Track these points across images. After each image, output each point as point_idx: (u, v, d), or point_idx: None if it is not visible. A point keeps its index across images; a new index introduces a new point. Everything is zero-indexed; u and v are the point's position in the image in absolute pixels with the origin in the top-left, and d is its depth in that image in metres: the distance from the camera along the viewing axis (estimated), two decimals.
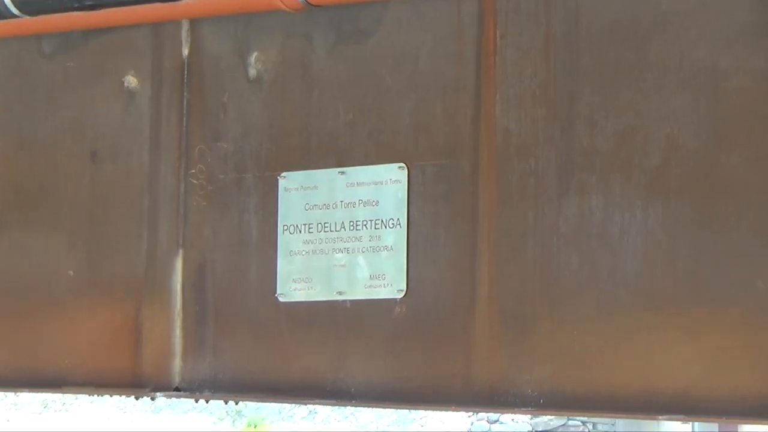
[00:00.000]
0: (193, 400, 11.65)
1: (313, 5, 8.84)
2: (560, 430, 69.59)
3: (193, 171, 9.63)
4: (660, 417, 9.95)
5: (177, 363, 9.68)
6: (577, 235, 8.47)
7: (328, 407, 67.25)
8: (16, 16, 9.53)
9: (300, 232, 9.14)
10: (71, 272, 10.29)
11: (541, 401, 9.25)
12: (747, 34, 7.91)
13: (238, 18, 9.32)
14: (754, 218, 7.94)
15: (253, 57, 9.36)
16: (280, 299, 9.20)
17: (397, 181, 8.80)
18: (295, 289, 9.16)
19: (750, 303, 8.01)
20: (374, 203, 8.87)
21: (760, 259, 7.91)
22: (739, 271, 8.02)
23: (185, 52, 9.57)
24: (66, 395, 68.25)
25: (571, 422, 68.10)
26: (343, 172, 9.01)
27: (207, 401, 11.47)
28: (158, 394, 10.45)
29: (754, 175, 7.92)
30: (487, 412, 50.93)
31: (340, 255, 8.99)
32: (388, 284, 8.85)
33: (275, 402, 55.36)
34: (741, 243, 8.03)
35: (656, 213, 8.22)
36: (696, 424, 70.06)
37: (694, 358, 8.29)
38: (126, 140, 9.99)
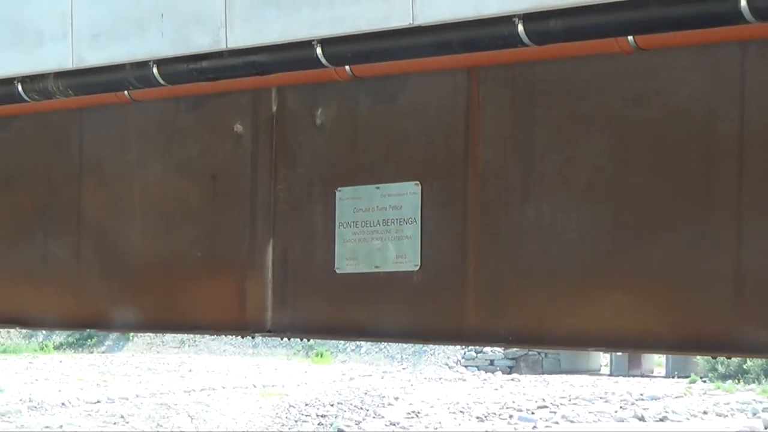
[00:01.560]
0: (279, 339, 11.80)
1: (357, 77, 8.93)
2: (523, 357, 69.15)
3: (279, 187, 9.75)
4: (589, 348, 10.10)
5: (269, 314, 9.80)
6: (534, 229, 8.57)
7: (368, 343, 66.89)
8: (162, 85, 9.60)
9: (350, 227, 9.24)
10: (199, 254, 10.49)
11: (510, 339, 9.38)
12: (642, 97, 8.00)
13: (309, 86, 9.37)
14: (651, 218, 8.04)
15: (318, 111, 9.42)
16: (337, 271, 9.33)
17: (414, 193, 8.91)
18: (346, 265, 9.29)
19: (649, 274, 8.10)
20: (399, 208, 8.98)
21: (654, 246, 8.00)
22: (641, 253, 8.12)
23: (274, 108, 9.64)
24: (196, 336, 68.40)
25: (530, 353, 67.60)
26: (378, 188, 9.12)
27: (288, 339, 11.72)
28: (257, 334, 10.69)
29: (650, 190, 8.03)
30: (474, 346, 50.30)
31: (376, 242, 9.11)
32: (408, 261, 8.98)
33: (333, 339, 55.06)
34: (642, 234, 8.13)
35: (586, 215, 8.33)
36: (613, 356, 70.16)
37: (612, 310, 8.38)
38: (235, 167, 10.09)
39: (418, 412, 55.73)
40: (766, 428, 46.36)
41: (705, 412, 53.33)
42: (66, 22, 9.88)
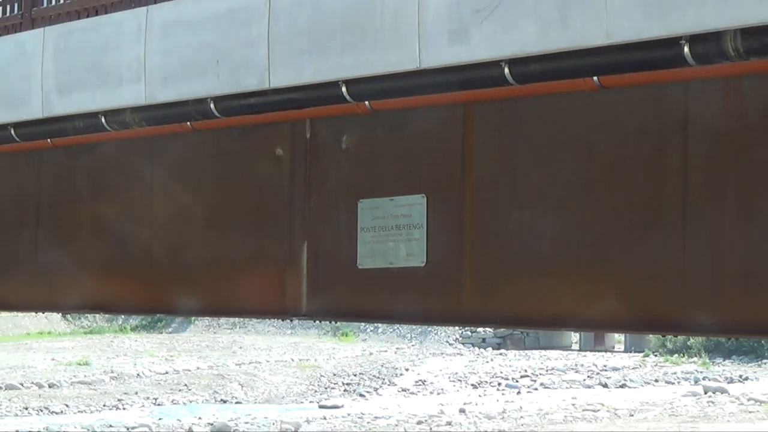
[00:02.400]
0: (312, 321, 11.81)
1: (375, 110, 8.94)
2: (509, 335, 68.81)
3: (312, 199, 9.76)
4: (562, 329, 10.08)
5: (304, 302, 9.80)
6: (518, 232, 8.58)
7: (384, 324, 66.73)
8: (218, 117, 9.62)
9: (369, 231, 9.23)
10: (248, 253, 10.42)
11: (498, 321, 9.40)
12: (603, 125, 8.00)
13: (336, 117, 9.40)
14: (612, 223, 8.05)
15: (343, 138, 9.43)
16: (359, 267, 9.31)
17: (420, 204, 8.90)
18: (366, 261, 9.27)
19: (611, 269, 8.11)
20: (408, 216, 8.97)
21: (615, 246, 8.00)
22: (604, 252, 8.13)
23: (307, 135, 9.65)
24: (245, 319, 68.39)
25: (515, 333, 67.25)
26: (392, 199, 9.10)
27: (320, 322, 11.74)
28: (294, 318, 10.70)
29: (611, 201, 8.04)
30: (469, 326, 50.03)
31: (390, 243, 9.10)
32: (416, 259, 8.96)
33: (356, 321, 54.26)
34: (604, 236, 8.14)
35: (559, 221, 8.33)
36: (582, 334, 70.07)
37: (581, 298, 8.39)
38: (276, 183, 10.07)
39: (424, 381, 55.65)
40: (706, 393, 46.22)
41: (656, 380, 53.17)
42: (140, 67, 9.91)
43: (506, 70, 7.69)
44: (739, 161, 7.40)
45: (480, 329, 65.91)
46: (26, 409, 46.01)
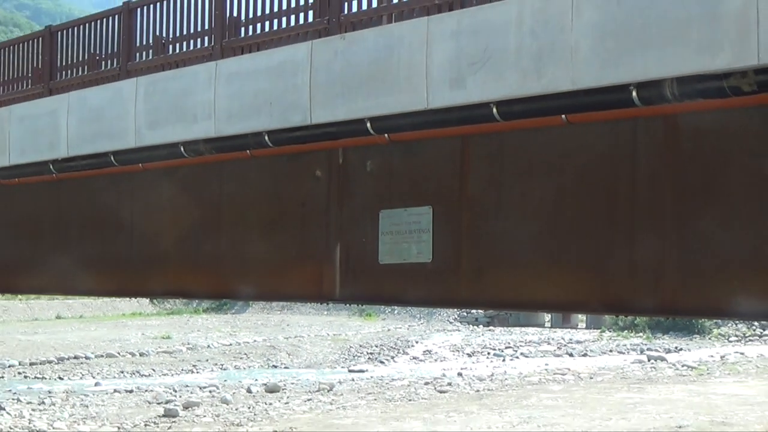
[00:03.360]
0: (343, 305, 11.72)
1: (393, 141, 8.94)
2: (496, 315, 68.48)
3: (344, 210, 9.76)
4: (537, 311, 9.98)
5: (337, 289, 9.79)
6: (503, 235, 8.54)
7: (399, 307, 66.42)
8: (270, 147, 9.63)
9: (388, 235, 9.16)
10: (294, 252, 10.42)
11: (487, 304, 9.36)
12: (570, 153, 8.02)
13: (362, 147, 9.37)
14: (576, 229, 8.02)
15: (368, 163, 9.41)
16: (380, 262, 9.25)
17: (427, 213, 8.85)
18: (386, 258, 9.20)
19: (576, 264, 8.07)
20: (419, 222, 8.91)
21: (579, 246, 7.98)
22: (571, 250, 8.11)
23: (340, 160, 9.64)
24: (291, 303, 68.49)
25: (501, 313, 66.91)
26: (405, 210, 9.06)
27: (349, 304, 11.59)
28: (329, 302, 10.73)
29: (575, 212, 8.02)
30: (465, 308, 49.70)
31: (404, 244, 9.03)
32: (424, 256, 8.89)
33: (377, 305, 53.58)
34: (570, 239, 8.10)
35: (536, 227, 8.28)
36: (553, 315, 69.81)
37: (553, 285, 8.38)
38: (316, 197, 10.05)
39: (430, 351, 55.58)
40: (649, 360, 45.92)
41: (611, 351, 53.00)
42: (211, 108, 9.95)
43: (494, 110, 7.72)
44: (675, 180, 7.40)
45: (473, 311, 65.59)
46: (122, 372, 46.23)
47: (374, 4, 9.40)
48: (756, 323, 58.59)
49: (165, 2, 12.11)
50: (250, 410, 31.92)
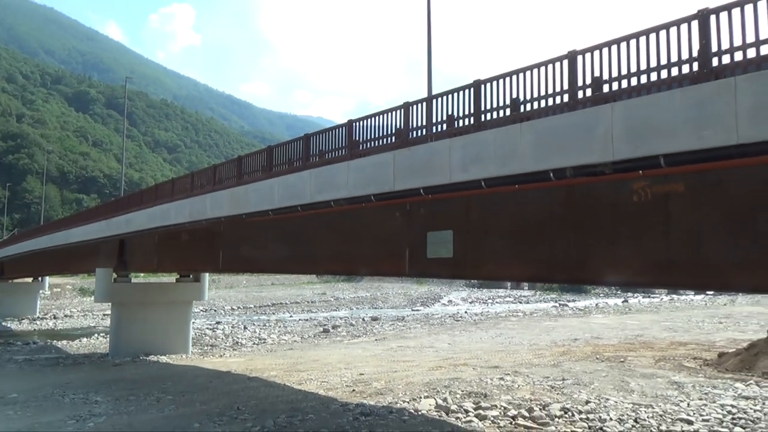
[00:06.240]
0: (410, 278, 10.94)
1: (432, 199, 8.74)
2: (483, 282, 67.24)
3: (412, 234, 9.50)
4: (506, 281, 9.42)
5: (407, 269, 9.46)
6: (489, 245, 8.28)
7: (436, 279, 65.43)
8: (373, 201, 9.54)
9: (431, 244, 8.95)
10: (386, 252, 10.05)
11: (480, 277, 9.01)
12: (525, 204, 7.91)
13: (418, 202, 9.07)
14: (527, 241, 7.77)
15: (422, 209, 9.18)
16: (427, 257, 9.01)
17: (450, 233, 8.67)
18: (430, 255, 8.97)
19: (529, 257, 7.75)
20: (446, 237, 8.72)
21: (531, 249, 7.75)
22: (525, 251, 7.87)
23: (408, 208, 9.44)
24: (384, 277, 68.17)
25: (487, 282, 65.66)
26: (439, 232, 8.83)
27: (413, 278, 10.58)
28: (402, 276, 9.89)
29: (532, 234, 7.80)
30: (468, 279, 49.01)
31: (439, 248, 8.82)
32: (448, 253, 8.69)
33: (426, 278, 51.10)
34: (524, 247, 7.88)
35: (508, 242, 8.06)
36: (511, 283, 68.57)
37: (516, 269, 8.04)
38: (397, 227, 9.64)
39: (451, 301, 55.12)
40: (559, 306, 44.92)
41: (540, 301, 52.55)
42: (347, 183, 9.91)
43: (483, 183, 7.64)
44: (573, 218, 7.18)
45: (473, 280, 64.63)
46: (302, 310, 46.90)
47: (424, 133, 9.32)
48: (614, 287, 57.00)
49: (326, 132, 11.92)
50: (363, 329, 31.88)
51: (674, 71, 6.03)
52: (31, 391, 14.74)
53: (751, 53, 5.45)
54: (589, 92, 6.81)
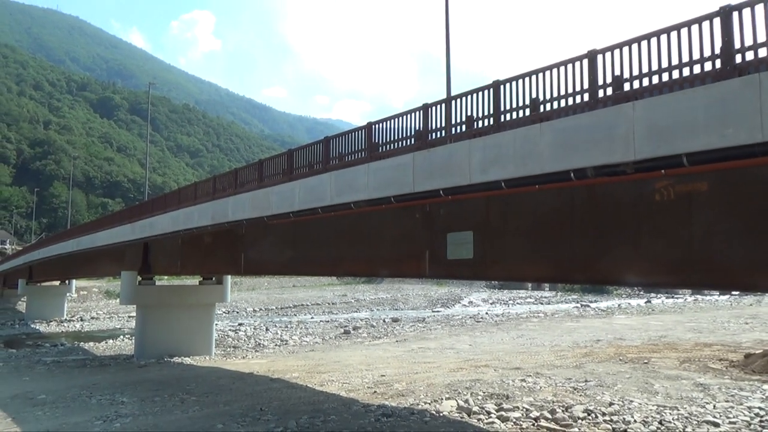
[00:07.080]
0: (430, 279, 10.73)
1: (453, 199, 8.71)
2: (505, 283, 66.73)
3: (431, 235, 9.41)
4: (526, 282, 9.35)
5: (427, 271, 9.46)
6: (508, 245, 8.25)
7: (456, 280, 65.07)
8: (393, 203, 9.53)
9: (452, 245, 8.91)
10: (406, 253, 9.96)
11: (499, 278, 8.94)
12: (540, 204, 7.88)
13: (438, 203, 9.03)
14: (546, 241, 7.75)
15: (441, 210, 9.17)
16: (448, 258, 8.98)
17: (470, 233, 8.63)
18: (450, 256, 8.94)
19: (544, 258, 7.68)
20: (466, 238, 8.69)
21: (548, 249, 7.71)
22: (543, 252, 7.81)
23: (428, 209, 9.41)
24: (405, 278, 67.90)
25: (508, 282, 65.27)
26: (460, 232, 8.82)
27: (433, 280, 10.62)
28: (423, 278, 9.95)
29: (546, 232, 7.74)
30: (489, 280, 48.61)
31: (459, 249, 8.79)
32: (468, 254, 8.67)
33: (446, 279, 51.08)
34: (543, 246, 7.86)
35: (525, 241, 8.00)
36: (532, 284, 68.05)
37: (533, 269, 7.94)
38: (414, 228, 9.69)
39: (472, 302, 54.71)
40: (582, 306, 44.40)
41: (561, 302, 51.86)
42: (367, 185, 9.90)
43: (503, 184, 7.56)
44: (592, 217, 7.13)
45: (494, 281, 64.30)
46: (323, 312, 47.17)
47: (443, 134, 9.26)
48: (636, 288, 56.22)
49: (347, 135, 11.87)
50: (384, 331, 31.85)
51: (696, 69, 5.90)
52: (59, 392, 14.98)
53: None
54: (609, 91, 6.71)
